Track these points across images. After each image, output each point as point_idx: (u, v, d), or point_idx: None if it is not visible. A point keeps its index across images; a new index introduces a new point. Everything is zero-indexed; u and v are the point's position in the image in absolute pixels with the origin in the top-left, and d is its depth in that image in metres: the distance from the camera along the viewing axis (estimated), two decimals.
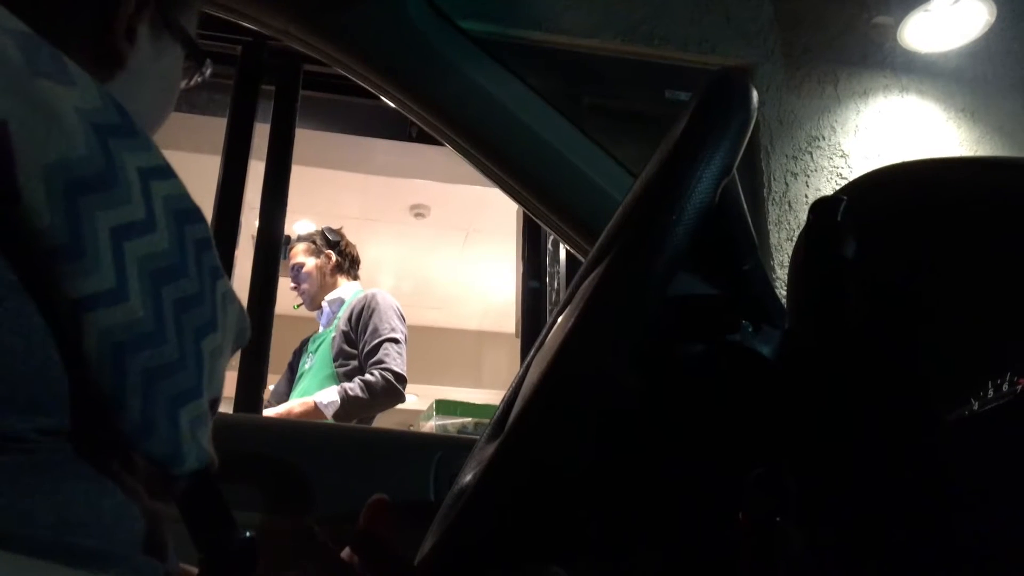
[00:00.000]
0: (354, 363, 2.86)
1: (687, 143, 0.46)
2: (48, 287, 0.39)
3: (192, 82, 0.67)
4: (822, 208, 0.53)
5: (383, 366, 2.77)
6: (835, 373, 0.51)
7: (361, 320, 2.90)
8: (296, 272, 3.10)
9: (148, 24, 0.59)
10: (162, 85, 0.63)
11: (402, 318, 2.98)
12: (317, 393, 2.73)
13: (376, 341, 2.83)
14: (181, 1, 0.63)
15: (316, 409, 2.67)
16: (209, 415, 0.48)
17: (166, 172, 0.47)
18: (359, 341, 2.88)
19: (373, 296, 2.98)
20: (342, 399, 2.69)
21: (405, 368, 2.83)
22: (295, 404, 2.73)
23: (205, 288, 0.47)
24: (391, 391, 2.76)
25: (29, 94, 0.39)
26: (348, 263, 3.16)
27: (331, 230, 3.18)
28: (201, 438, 0.45)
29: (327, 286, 3.11)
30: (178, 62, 0.64)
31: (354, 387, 2.72)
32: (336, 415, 2.66)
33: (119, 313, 0.40)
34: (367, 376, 2.76)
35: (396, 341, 2.86)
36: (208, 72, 0.67)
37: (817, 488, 0.50)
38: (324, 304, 3.08)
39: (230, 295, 0.51)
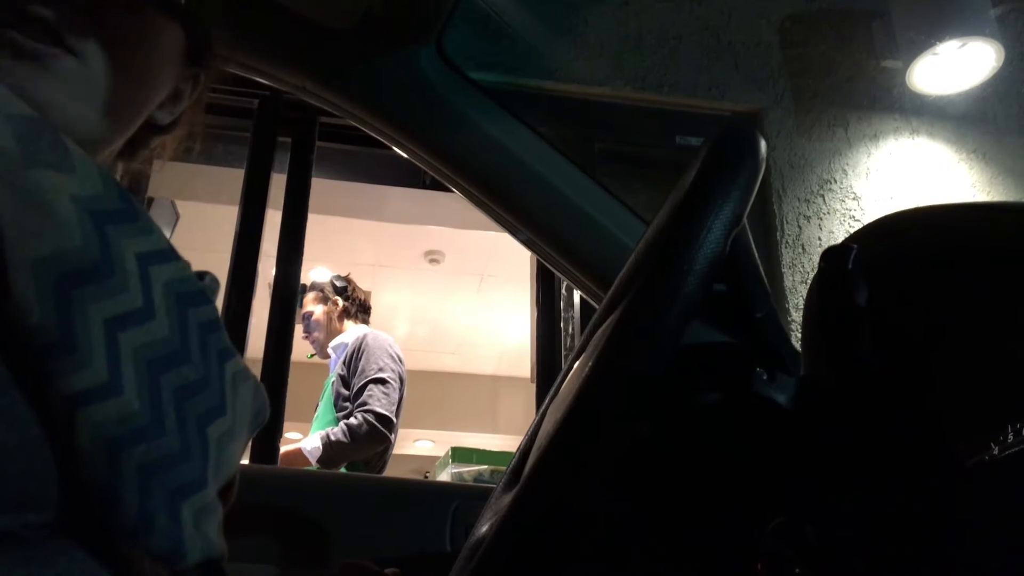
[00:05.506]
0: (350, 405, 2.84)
1: (697, 194, 0.47)
2: (40, 383, 0.37)
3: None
4: (833, 256, 0.53)
5: (365, 408, 2.72)
6: (851, 420, 0.51)
7: (353, 361, 2.87)
8: (307, 321, 3.10)
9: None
10: None
11: (394, 358, 2.92)
12: (304, 440, 2.70)
13: (362, 382, 2.79)
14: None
15: (302, 455, 2.63)
16: (219, 503, 0.46)
17: (167, 255, 0.46)
18: (351, 383, 2.85)
19: (364, 336, 2.95)
20: (324, 445, 2.64)
21: (392, 409, 2.76)
22: (287, 449, 2.69)
23: (211, 372, 0.46)
24: (374, 434, 2.69)
25: (23, 186, 0.38)
26: (356, 308, 3.14)
27: (339, 277, 3.19)
28: (208, 530, 0.44)
29: (334, 332, 3.10)
30: None
31: (336, 432, 2.67)
32: (320, 460, 2.62)
33: (112, 407, 0.39)
34: (350, 419, 2.71)
35: (382, 382, 2.80)
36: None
37: (836, 537, 0.49)
38: (330, 350, 3.07)
39: (242, 374, 0.49)
